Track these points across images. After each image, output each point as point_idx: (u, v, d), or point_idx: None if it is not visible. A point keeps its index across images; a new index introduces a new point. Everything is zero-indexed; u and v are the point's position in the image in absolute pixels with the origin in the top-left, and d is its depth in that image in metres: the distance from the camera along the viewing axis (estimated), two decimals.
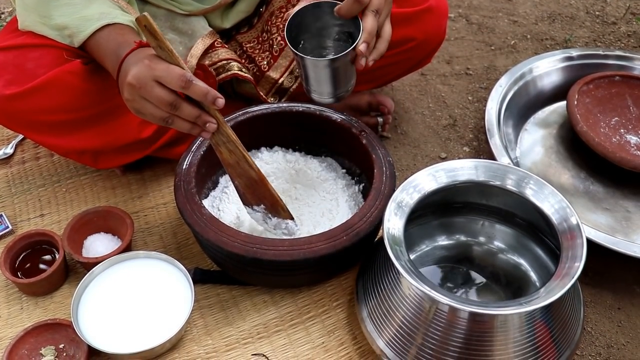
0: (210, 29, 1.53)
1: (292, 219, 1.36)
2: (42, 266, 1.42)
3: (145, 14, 1.06)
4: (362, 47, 1.21)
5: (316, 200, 1.44)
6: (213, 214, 1.30)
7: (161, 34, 1.09)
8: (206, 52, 1.52)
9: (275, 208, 1.34)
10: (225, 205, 1.42)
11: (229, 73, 1.50)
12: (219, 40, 1.55)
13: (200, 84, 1.11)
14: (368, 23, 1.22)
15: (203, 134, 1.19)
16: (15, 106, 1.35)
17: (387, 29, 1.30)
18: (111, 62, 1.23)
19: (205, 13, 1.53)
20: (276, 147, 1.54)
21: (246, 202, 1.34)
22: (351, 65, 1.28)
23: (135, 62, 1.14)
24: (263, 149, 1.53)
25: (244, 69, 1.53)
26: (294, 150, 1.55)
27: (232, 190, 1.44)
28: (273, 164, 1.49)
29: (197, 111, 1.15)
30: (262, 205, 1.34)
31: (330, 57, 1.25)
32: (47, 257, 1.44)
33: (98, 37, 1.28)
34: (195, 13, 1.51)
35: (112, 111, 1.42)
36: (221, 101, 1.14)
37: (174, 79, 1.10)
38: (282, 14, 1.57)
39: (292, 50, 1.24)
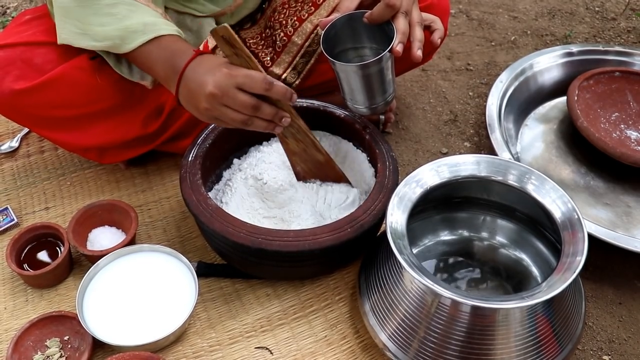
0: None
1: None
2: (47, 259, 1.43)
3: (226, 25, 1.10)
4: (398, 47, 1.23)
5: (321, 194, 1.45)
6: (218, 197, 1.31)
7: (240, 42, 1.13)
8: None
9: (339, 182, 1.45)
10: (229, 198, 1.43)
11: None
12: None
13: (280, 84, 1.17)
14: (401, 24, 1.24)
15: (276, 129, 1.25)
16: (23, 101, 1.36)
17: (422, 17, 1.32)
18: (164, 71, 1.24)
19: (221, 15, 1.54)
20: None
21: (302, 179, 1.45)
22: (388, 74, 1.29)
23: (207, 71, 1.16)
24: (265, 142, 1.53)
25: None
26: None
27: (234, 183, 1.45)
28: (273, 154, 1.50)
29: (275, 109, 1.21)
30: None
31: (364, 62, 1.25)
32: (52, 249, 1.45)
33: (147, 46, 1.27)
34: (210, 16, 1.52)
35: (118, 106, 1.43)
36: (296, 96, 1.20)
37: (257, 84, 1.14)
38: (285, 10, 1.58)
39: (327, 57, 1.26)
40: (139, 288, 1.33)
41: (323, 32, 1.27)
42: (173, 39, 1.28)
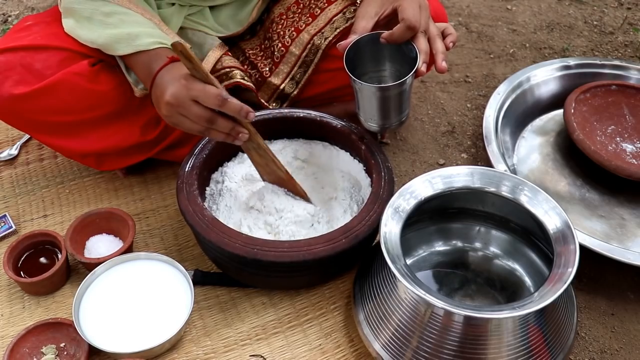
0: (220, 40, 1.56)
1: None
2: (44, 266, 1.43)
3: (181, 41, 1.15)
4: (423, 67, 1.26)
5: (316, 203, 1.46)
6: (210, 206, 1.34)
7: (196, 58, 1.16)
8: None
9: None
10: (226, 192, 1.46)
11: (232, 81, 1.52)
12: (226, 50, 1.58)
13: (234, 101, 1.20)
14: (422, 44, 1.28)
15: (236, 142, 1.28)
16: (22, 106, 1.37)
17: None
18: (142, 73, 1.32)
19: (233, 36, 1.59)
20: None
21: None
22: (406, 95, 1.32)
23: (170, 80, 1.21)
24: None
25: (246, 77, 1.55)
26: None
27: (231, 179, 1.48)
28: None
29: (231, 124, 1.24)
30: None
31: (389, 83, 1.28)
32: (50, 257, 1.46)
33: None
34: (221, 36, 1.56)
35: (117, 113, 1.45)
36: (252, 114, 1.22)
37: (210, 99, 1.18)
38: (283, 21, 1.60)
39: (351, 77, 1.28)
40: (136, 296, 1.34)
41: (345, 53, 1.30)
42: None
